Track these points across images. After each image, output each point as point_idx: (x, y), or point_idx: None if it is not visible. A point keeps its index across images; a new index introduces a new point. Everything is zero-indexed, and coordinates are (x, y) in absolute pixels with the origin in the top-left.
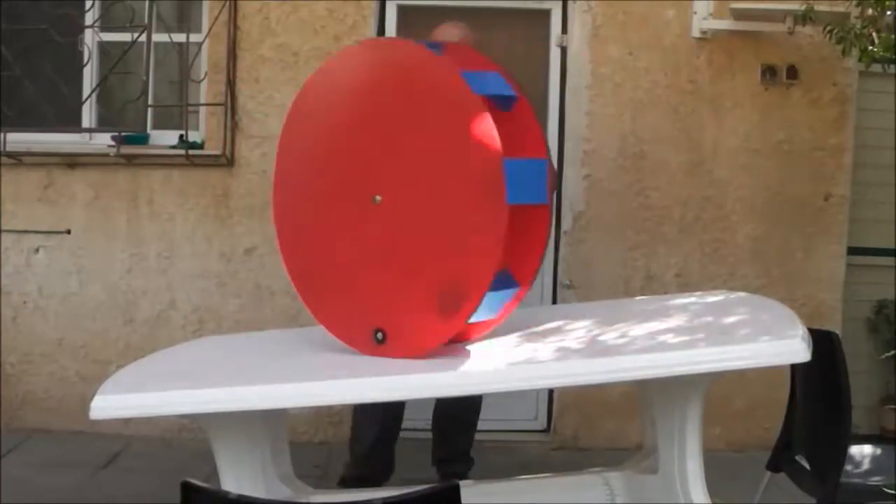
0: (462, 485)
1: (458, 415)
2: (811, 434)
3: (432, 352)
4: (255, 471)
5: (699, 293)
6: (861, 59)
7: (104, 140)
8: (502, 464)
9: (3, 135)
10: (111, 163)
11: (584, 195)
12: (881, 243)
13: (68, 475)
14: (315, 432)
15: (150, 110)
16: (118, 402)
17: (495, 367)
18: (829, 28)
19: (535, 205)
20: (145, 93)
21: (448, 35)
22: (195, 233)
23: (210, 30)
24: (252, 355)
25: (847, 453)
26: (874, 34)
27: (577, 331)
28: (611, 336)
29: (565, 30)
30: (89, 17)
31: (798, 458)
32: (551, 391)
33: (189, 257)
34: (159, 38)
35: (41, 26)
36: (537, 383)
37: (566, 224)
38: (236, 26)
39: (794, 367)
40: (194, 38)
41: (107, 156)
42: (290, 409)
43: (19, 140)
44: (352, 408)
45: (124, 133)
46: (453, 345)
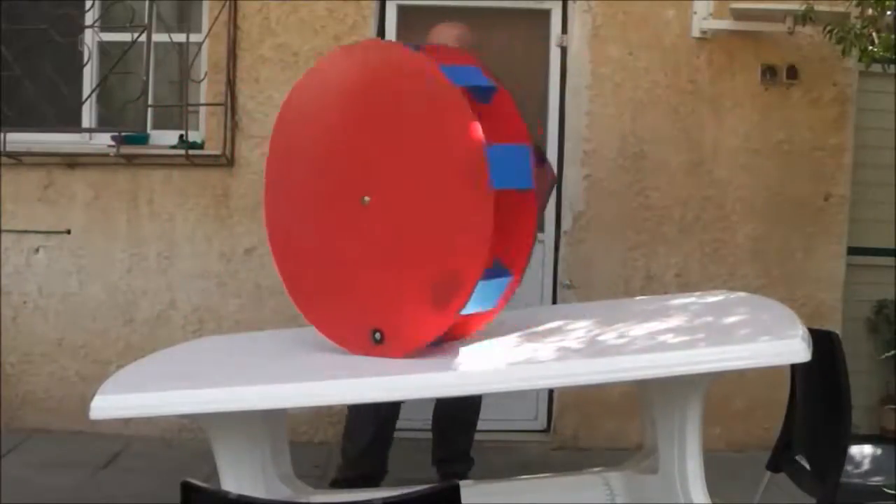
0: (462, 485)
1: (458, 415)
2: (811, 434)
3: (430, 347)
4: (255, 471)
5: (699, 293)
6: (861, 59)
7: (104, 140)
8: (502, 464)
9: (3, 135)
10: (111, 163)
11: (584, 195)
12: (881, 243)
13: (68, 475)
14: (315, 432)
15: (150, 110)
16: (118, 402)
17: (495, 367)
18: (829, 28)
19: (520, 191)
20: (145, 93)
21: (445, 35)
22: (195, 233)
23: (210, 30)
24: (252, 355)
25: (847, 453)
26: (874, 34)
27: (577, 331)
28: (611, 336)
29: (565, 30)
30: (89, 17)
31: (798, 458)
32: (551, 391)
33: (189, 257)
34: (159, 38)
35: (41, 26)
36: (537, 383)
37: (566, 224)
38: (236, 26)
39: (794, 367)
40: (194, 38)
41: (107, 156)
42: (290, 409)
43: (19, 140)
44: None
45: (124, 133)
46: (455, 341)
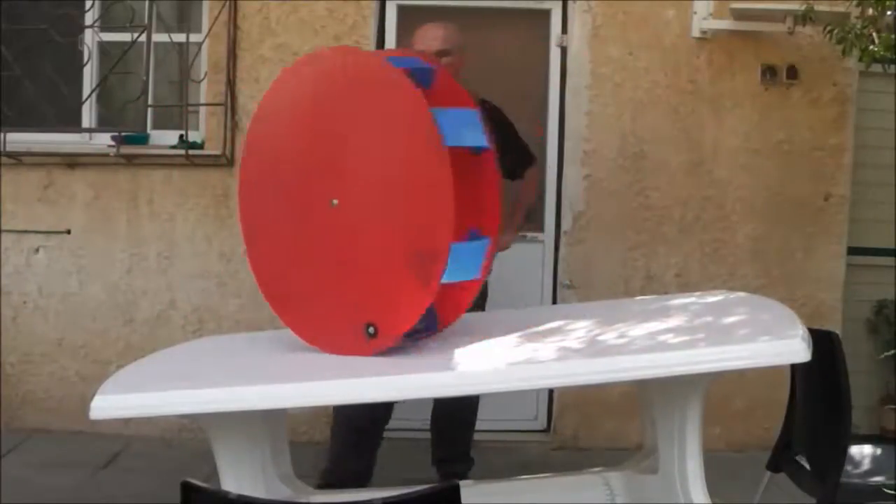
0: (462, 485)
1: (456, 414)
2: (811, 434)
3: (430, 334)
4: (255, 471)
5: (699, 293)
6: (861, 59)
7: (104, 140)
8: (502, 464)
9: (3, 135)
10: (111, 163)
11: (584, 195)
12: (881, 243)
13: (68, 475)
14: (315, 432)
15: (150, 110)
16: (118, 402)
17: (495, 367)
18: (829, 28)
19: (479, 153)
20: (145, 93)
21: (431, 36)
22: (195, 233)
23: (210, 30)
24: (252, 355)
25: (847, 453)
26: (874, 34)
27: (577, 331)
28: (611, 336)
29: (565, 30)
30: (89, 17)
31: (798, 458)
32: (551, 391)
33: (189, 257)
34: (159, 38)
35: (41, 26)
36: (537, 383)
37: (566, 224)
38: (236, 26)
39: (794, 367)
40: (194, 38)
41: (107, 156)
42: (290, 409)
43: (19, 140)
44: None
45: (124, 133)
46: (455, 318)
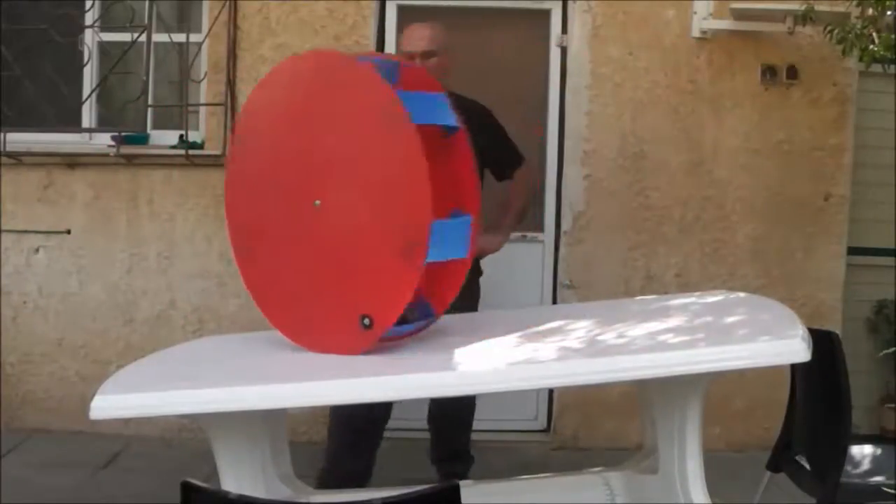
0: (462, 485)
1: (453, 414)
2: (811, 434)
3: (427, 318)
4: (255, 471)
5: (699, 293)
6: (861, 59)
7: (104, 140)
8: (502, 464)
9: (3, 135)
10: (111, 163)
11: (584, 195)
12: (881, 243)
13: (68, 475)
14: (314, 432)
15: (150, 110)
16: (118, 402)
17: (495, 367)
18: (829, 28)
19: (450, 134)
20: (145, 93)
21: (417, 36)
22: (195, 233)
23: (210, 30)
24: (252, 355)
25: (847, 453)
26: (874, 34)
27: (577, 331)
28: (611, 336)
29: (565, 30)
30: (89, 17)
31: (798, 458)
32: (551, 391)
33: (189, 257)
34: (159, 38)
35: (41, 26)
36: (537, 383)
37: (566, 224)
38: (236, 26)
39: (794, 367)
40: (194, 38)
41: (107, 156)
42: (291, 409)
43: (19, 140)
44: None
45: (124, 133)
46: (449, 302)
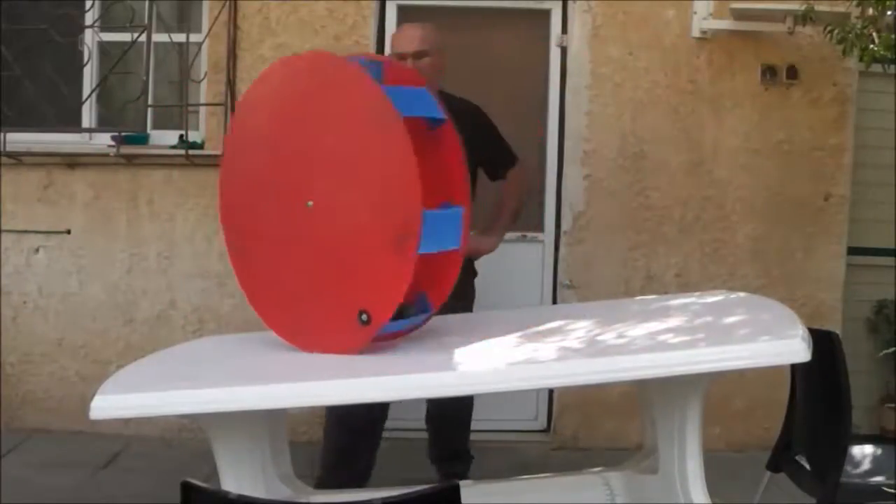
0: (462, 485)
1: (452, 414)
2: (811, 434)
3: (422, 308)
4: (255, 471)
5: (699, 293)
6: (861, 59)
7: (104, 140)
8: (502, 464)
9: (3, 135)
10: (111, 163)
11: (584, 195)
12: (881, 243)
13: (68, 475)
14: (314, 432)
15: (150, 110)
16: (118, 402)
17: (495, 367)
18: (829, 28)
19: (436, 127)
20: (145, 93)
21: (408, 37)
22: (195, 233)
23: (210, 30)
24: (252, 355)
25: (847, 453)
26: (874, 34)
27: (577, 331)
28: (611, 336)
29: (565, 30)
30: (89, 17)
31: (798, 458)
32: (551, 391)
33: (189, 257)
34: (159, 38)
35: (41, 26)
36: (537, 383)
37: (566, 224)
38: (236, 26)
39: (794, 367)
40: (194, 38)
41: (107, 156)
42: (291, 409)
43: (19, 140)
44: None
45: (124, 133)
46: (445, 296)
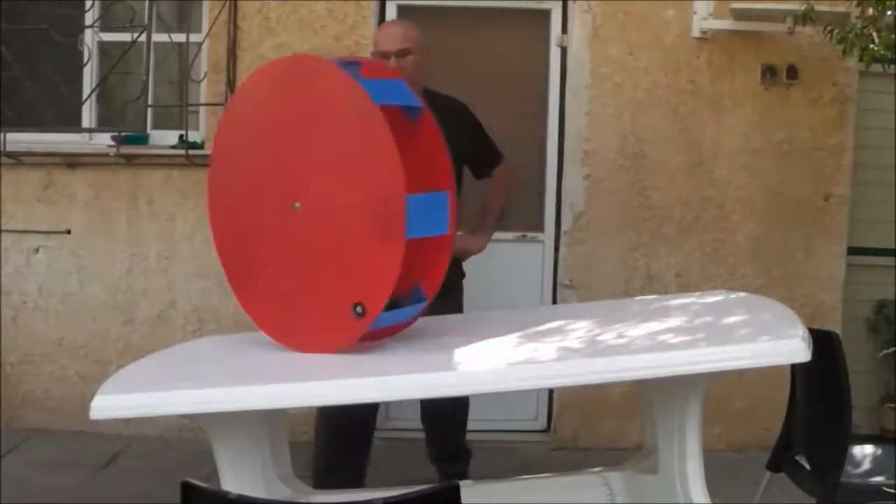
0: (462, 485)
1: (448, 413)
2: (811, 434)
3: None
4: (255, 471)
5: (699, 293)
6: (861, 59)
7: (104, 140)
8: (502, 464)
9: (3, 135)
10: (111, 163)
11: (584, 195)
12: (881, 243)
13: (68, 475)
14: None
15: (150, 110)
16: (118, 402)
17: (495, 367)
18: (829, 28)
19: (415, 117)
20: (145, 93)
21: (390, 35)
22: (195, 233)
23: (210, 30)
24: (252, 355)
25: (847, 453)
26: (874, 34)
27: (577, 331)
28: (611, 336)
29: (565, 30)
30: (89, 17)
31: (798, 458)
32: (551, 391)
33: (189, 257)
34: (159, 38)
35: (41, 26)
36: (537, 383)
37: (566, 224)
38: (236, 26)
39: (794, 367)
40: (194, 38)
41: (107, 156)
42: (290, 409)
43: (19, 140)
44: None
45: (124, 133)
46: (439, 283)
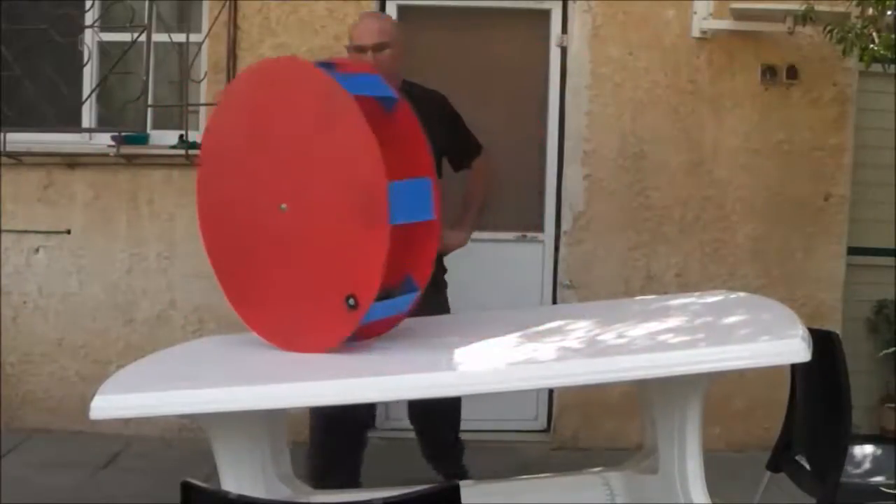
0: (462, 485)
1: (436, 411)
2: (811, 434)
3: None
4: (255, 471)
5: (699, 293)
6: (861, 59)
7: (104, 140)
8: (502, 464)
9: (3, 135)
10: (111, 163)
11: (584, 195)
12: (881, 243)
13: (68, 475)
14: None
15: (150, 110)
16: (118, 402)
17: (495, 367)
18: (829, 28)
19: (391, 109)
20: (145, 93)
21: (366, 29)
22: (195, 233)
23: (210, 30)
24: (252, 355)
25: (847, 453)
26: (874, 34)
27: (577, 331)
28: (611, 336)
29: (565, 30)
30: (89, 17)
31: (798, 458)
32: (551, 391)
33: (189, 257)
34: (159, 38)
35: (41, 26)
36: (537, 383)
37: (566, 224)
38: (236, 26)
39: (794, 367)
40: (194, 38)
41: (107, 156)
42: (290, 409)
43: (19, 140)
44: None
45: (124, 133)
46: (429, 270)
